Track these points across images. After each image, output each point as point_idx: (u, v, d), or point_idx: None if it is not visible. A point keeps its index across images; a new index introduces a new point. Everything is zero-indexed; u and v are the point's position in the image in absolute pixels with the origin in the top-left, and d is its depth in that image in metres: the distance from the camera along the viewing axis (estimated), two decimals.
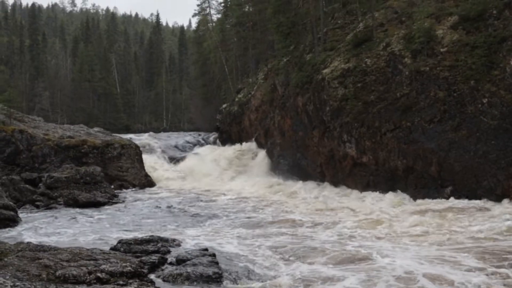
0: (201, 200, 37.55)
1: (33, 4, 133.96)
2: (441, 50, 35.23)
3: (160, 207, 34.95)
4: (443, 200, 31.68)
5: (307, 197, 37.08)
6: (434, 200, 31.88)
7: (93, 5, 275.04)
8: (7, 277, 7.65)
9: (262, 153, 50.95)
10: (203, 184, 45.98)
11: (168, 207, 34.90)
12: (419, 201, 32.52)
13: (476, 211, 28.38)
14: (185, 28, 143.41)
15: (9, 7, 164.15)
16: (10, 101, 50.43)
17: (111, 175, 43.88)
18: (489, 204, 29.65)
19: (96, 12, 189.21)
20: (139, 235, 23.29)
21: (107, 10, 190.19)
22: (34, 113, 72.44)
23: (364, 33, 41.05)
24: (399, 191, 34.90)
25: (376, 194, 35.42)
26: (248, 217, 30.51)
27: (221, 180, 47.83)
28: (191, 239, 23.04)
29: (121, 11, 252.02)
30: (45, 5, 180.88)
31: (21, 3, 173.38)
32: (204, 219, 30.21)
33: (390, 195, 34.51)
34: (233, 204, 35.69)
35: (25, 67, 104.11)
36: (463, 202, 30.38)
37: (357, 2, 45.33)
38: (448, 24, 36.21)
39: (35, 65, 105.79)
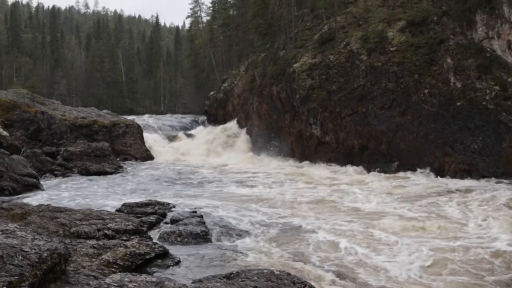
0: (192, 171, 37.51)
1: (53, 6, 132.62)
2: (391, 49, 35.46)
3: (157, 176, 34.83)
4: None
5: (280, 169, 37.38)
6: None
7: (103, 7, 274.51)
8: (29, 232, 7.80)
9: (243, 133, 50.93)
10: (194, 158, 45.90)
11: (164, 176, 34.81)
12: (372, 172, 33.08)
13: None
14: (180, 27, 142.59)
15: (33, 9, 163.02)
16: (33, 87, 50.35)
17: (117, 149, 43.74)
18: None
19: (106, 14, 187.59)
20: (140, 199, 23.28)
21: (115, 12, 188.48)
22: (54, 97, 71.77)
23: (328, 34, 41.13)
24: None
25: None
26: (231, 183, 30.61)
27: (208, 155, 47.81)
28: (183, 202, 23.01)
29: (126, 13, 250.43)
30: (63, 7, 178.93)
31: (43, 5, 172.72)
32: (194, 186, 30.14)
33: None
34: (218, 174, 35.64)
35: (46, 59, 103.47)
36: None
37: (323, 8, 45.36)
38: (397, 28, 36.42)
39: (55, 58, 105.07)
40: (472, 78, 30.91)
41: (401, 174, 31.62)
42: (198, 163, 42.89)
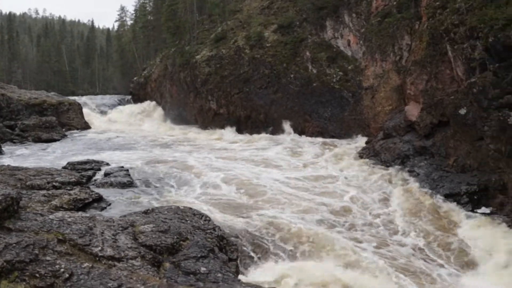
0: (120, 137, 36.72)
1: (10, 12, 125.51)
2: (267, 45, 35.71)
3: (93, 141, 33.94)
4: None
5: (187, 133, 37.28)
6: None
7: (50, 13, 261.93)
8: None
9: (159, 108, 50.36)
10: (122, 128, 44.88)
11: (98, 141, 34.00)
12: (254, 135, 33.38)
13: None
14: (110, 29, 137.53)
15: None
16: None
17: (62, 122, 42.10)
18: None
19: (52, 18, 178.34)
20: (80, 158, 22.66)
21: (59, 17, 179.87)
22: (11, 83, 67.93)
23: (221, 34, 40.99)
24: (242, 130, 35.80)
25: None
26: (149, 146, 30.15)
27: (132, 124, 46.94)
28: (114, 160, 22.55)
29: (68, 18, 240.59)
30: (18, 13, 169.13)
31: (1, 11, 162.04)
32: (122, 147, 29.51)
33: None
34: (140, 138, 35.09)
35: (5, 53, 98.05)
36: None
37: (217, 15, 45.21)
38: (271, 29, 36.67)
39: (12, 52, 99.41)
40: (324, 66, 31.64)
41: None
42: (125, 130, 42.02)
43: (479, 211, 14.25)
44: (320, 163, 20.98)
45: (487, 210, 14.19)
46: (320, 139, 28.85)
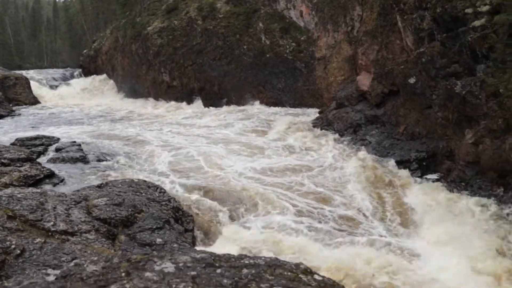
0: (71, 111, 35.98)
1: None
2: (220, 16, 35.33)
3: (43, 116, 33.12)
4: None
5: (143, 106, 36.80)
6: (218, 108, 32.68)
7: None
8: None
9: (111, 82, 49.32)
10: (72, 102, 43.79)
11: (49, 116, 33.18)
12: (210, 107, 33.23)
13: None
14: (57, 0, 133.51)
15: None
16: None
17: (9, 97, 40.69)
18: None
19: None
20: (29, 134, 22.07)
21: None
22: None
23: (173, 5, 40.31)
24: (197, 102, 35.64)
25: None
26: (101, 120, 29.61)
27: (83, 99, 45.92)
28: (65, 135, 22.03)
29: None
30: None
31: None
32: (73, 123, 28.89)
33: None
34: (92, 112, 34.48)
35: None
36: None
37: None
38: (223, 0, 36.28)
39: None
40: (277, 37, 31.63)
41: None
42: (75, 105, 41.06)
43: (428, 176, 14.75)
44: (287, 142, 20.31)
45: (435, 176, 14.70)
46: (277, 109, 28.90)
